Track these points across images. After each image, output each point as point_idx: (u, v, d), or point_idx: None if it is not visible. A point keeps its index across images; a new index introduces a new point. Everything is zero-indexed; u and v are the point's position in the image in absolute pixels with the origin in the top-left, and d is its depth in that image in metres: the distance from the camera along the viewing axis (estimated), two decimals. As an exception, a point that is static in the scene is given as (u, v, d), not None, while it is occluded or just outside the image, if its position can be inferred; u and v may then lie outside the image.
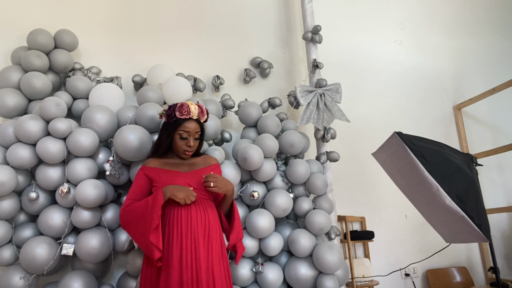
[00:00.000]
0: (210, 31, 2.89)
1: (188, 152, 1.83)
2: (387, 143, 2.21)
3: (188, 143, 1.81)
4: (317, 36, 2.72)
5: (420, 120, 3.29)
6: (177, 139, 1.81)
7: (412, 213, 2.51)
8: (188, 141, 1.81)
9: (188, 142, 1.81)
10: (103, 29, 2.65)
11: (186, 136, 1.80)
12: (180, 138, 1.80)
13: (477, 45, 3.70)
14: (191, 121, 1.80)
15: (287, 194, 2.30)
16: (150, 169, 1.81)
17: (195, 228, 1.67)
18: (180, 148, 1.82)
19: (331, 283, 2.15)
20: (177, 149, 1.83)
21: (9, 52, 2.37)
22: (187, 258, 1.61)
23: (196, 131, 1.82)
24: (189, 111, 1.77)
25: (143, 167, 1.83)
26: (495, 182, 3.36)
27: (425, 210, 2.25)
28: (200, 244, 1.65)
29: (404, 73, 3.38)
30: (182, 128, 1.79)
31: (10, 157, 1.98)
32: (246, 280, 2.20)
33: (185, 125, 1.79)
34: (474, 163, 2.26)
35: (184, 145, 1.81)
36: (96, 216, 2.05)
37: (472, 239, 2.02)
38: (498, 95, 3.15)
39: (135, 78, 2.53)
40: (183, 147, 1.81)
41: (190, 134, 1.80)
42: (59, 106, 2.02)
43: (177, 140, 1.81)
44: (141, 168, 1.83)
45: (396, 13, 3.50)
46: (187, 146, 1.81)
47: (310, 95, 2.56)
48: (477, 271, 3.15)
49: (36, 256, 1.91)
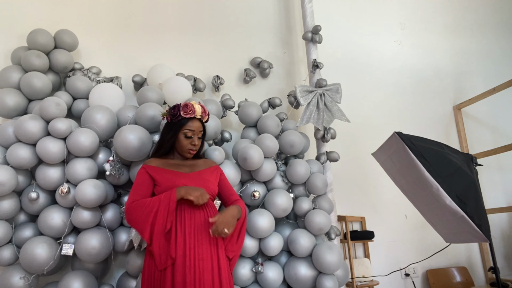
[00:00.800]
0: (210, 31, 2.89)
1: (193, 151, 1.85)
2: (387, 143, 2.21)
3: (193, 142, 1.82)
4: (317, 36, 2.72)
5: (420, 120, 3.29)
6: (182, 138, 1.82)
7: (412, 213, 2.51)
8: (193, 140, 1.82)
9: (193, 141, 1.82)
10: (103, 29, 2.66)
11: (191, 135, 1.82)
12: (185, 137, 1.82)
13: (477, 45, 3.70)
14: (195, 120, 1.83)
15: (287, 194, 2.30)
16: (152, 168, 1.80)
17: (198, 229, 1.67)
18: (185, 147, 1.83)
19: (330, 283, 2.15)
20: (182, 148, 1.84)
21: (9, 52, 2.37)
22: (190, 258, 1.62)
23: (200, 130, 1.85)
24: (193, 110, 1.81)
25: (144, 166, 1.81)
26: (495, 182, 3.36)
27: (425, 210, 2.25)
28: (203, 245, 1.65)
29: (404, 73, 3.38)
30: (187, 127, 1.81)
31: (10, 157, 1.98)
32: (246, 280, 2.20)
33: (189, 124, 1.82)
34: (474, 163, 2.25)
35: (189, 144, 1.83)
36: (96, 216, 2.05)
37: (472, 239, 2.02)
38: (498, 95, 3.15)
39: (135, 78, 2.53)
40: (188, 146, 1.83)
41: (194, 133, 1.83)
42: (59, 106, 2.02)
43: (182, 139, 1.82)
44: (143, 167, 1.81)
45: (396, 13, 3.50)
46: (192, 145, 1.83)
47: (310, 95, 2.57)
48: (477, 271, 3.15)
49: (36, 256, 1.91)
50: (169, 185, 1.72)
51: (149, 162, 1.84)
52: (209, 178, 1.86)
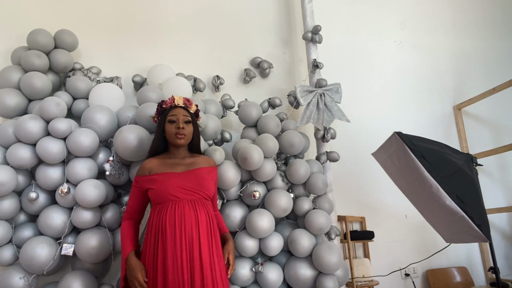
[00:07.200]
0: (210, 31, 2.89)
1: (180, 135, 1.82)
2: (387, 143, 2.21)
3: (178, 125, 1.82)
4: (317, 36, 2.72)
5: (420, 120, 3.29)
6: (168, 126, 1.85)
7: (412, 213, 2.51)
8: (177, 123, 1.83)
9: (177, 124, 1.83)
10: (103, 29, 2.65)
11: (175, 119, 1.84)
12: (170, 124, 1.84)
13: (477, 45, 3.70)
14: (177, 107, 1.88)
15: (287, 194, 2.30)
16: (142, 178, 1.81)
17: (189, 228, 1.67)
18: (172, 133, 1.83)
19: (330, 283, 2.15)
20: (170, 136, 1.84)
21: (9, 52, 2.37)
22: (182, 258, 1.62)
23: (184, 114, 1.87)
24: (172, 99, 1.88)
25: (136, 178, 1.85)
26: (495, 182, 3.36)
27: (425, 210, 2.25)
28: (194, 245, 1.65)
29: (404, 73, 3.38)
30: (169, 114, 1.86)
31: (10, 157, 1.98)
32: (246, 280, 2.20)
33: (172, 111, 1.86)
34: (474, 163, 2.25)
35: (174, 128, 1.83)
36: (96, 216, 2.05)
37: (472, 239, 2.02)
38: (498, 95, 3.14)
39: (135, 78, 2.53)
40: (174, 130, 1.83)
41: (178, 118, 1.84)
42: (59, 106, 2.02)
43: (167, 127, 1.85)
44: (135, 179, 1.85)
45: (396, 13, 3.50)
46: (177, 129, 1.82)
47: (310, 95, 2.57)
48: (477, 271, 3.15)
49: (36, 256, 1.91)
50: (161, 187, 1.74)
51: (141, 169, 1.84)
52: (206, 177, 1.85)
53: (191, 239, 1.66)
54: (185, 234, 1.66)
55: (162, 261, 1.64)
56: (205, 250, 1.67)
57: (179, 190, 1.73)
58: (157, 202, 1.75)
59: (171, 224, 1.67)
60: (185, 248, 1.64)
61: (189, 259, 1.63)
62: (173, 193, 1.72)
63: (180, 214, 1.69)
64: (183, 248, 1.64)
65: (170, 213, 1.69)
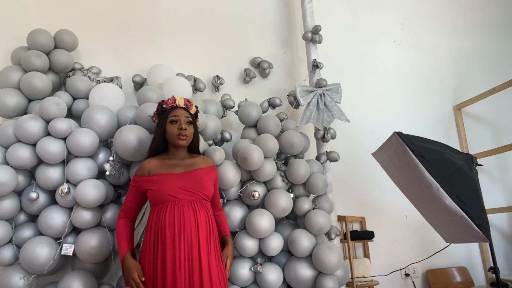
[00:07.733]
0: (210, 31, 2.89)
1: (183, 136, 1.82)
2: (387, 143, 2.21)
3: (180, 126, 1.82)
4: (317, 36, 2.72)
5: (420, 120, 3.29)
6: (169, 127, 1.84)
7: (412, 213, 2.51)
8: (180, 124, 1.82)
9: (179, 125, 1.82)
10: (103, 29, 2.66)
11: (177, 119, 1.83)
12: (171, 124, 1.83)
13: (477, 45, 3.70)
14: (178, 108, 1.87)
15: (287, 194, 2.30)
16: (141, 178, 1.81)
17: (188, 229, 1.67)
18: (174, 134, 1.82)
19: (330, 283, 2.15)
20: (172, 137, 1.83)
21: (9, 52, 2.37)
22: (180, 259, 1.62)
23: (186, 115, 1.87)
24: (174, 100, 1.87)
25: (134, 177, 1.84)
26: (495, 182, 3.36)
27: (425, 210, 2.25)
28: (193, 245, 1.65)
29: (404, 73, 3.38)
30: (171, 115, 1.85)
31: (10, 157, 1.98)
32: (246, 280, 2.20)
33: (173, 112, 1.86)
34: (474, 163, 2.25)
35: (176, 129, 1.82)
36: (96, 216, 2.05)
37: (472, 239, 2.02)
38: (498, 95, 3.14)
39: (135, 78, 2.53)
40: (176, 131, 1.82)
41: (180, 118, 1.84)
42: (59, 106, 2.02)
43: (169, 128, 1.84)
44: (133, 178, 1.84)
45: (396, 13, 3.50)
46: (179, 129, 1.82)
47: (310, 95, 2.57)
48: (477, 271, 3.15)
49: (36, 256, 1.91)
50: (160, 188, 1.73)
51: (141, 169, 1.83)
52: (204, 177, 1.84)
53: (190, 240, 1.66)
54: (184, 235, 1.66)
55: (161, 262, 1.64)
56: (204, 250, 1.67)
57: (178, 191, 1.73)
58: (156, 202, 1.75)
59: (171, 225, 1.67)
60: (184, 248, 1.64)
61: (188, 260, 1.63)
62: (172, 193, 1.72)
63: (180, 215, 1.68)
64: (182, 248, 1.64)
65: (170, 214, 1.69)
